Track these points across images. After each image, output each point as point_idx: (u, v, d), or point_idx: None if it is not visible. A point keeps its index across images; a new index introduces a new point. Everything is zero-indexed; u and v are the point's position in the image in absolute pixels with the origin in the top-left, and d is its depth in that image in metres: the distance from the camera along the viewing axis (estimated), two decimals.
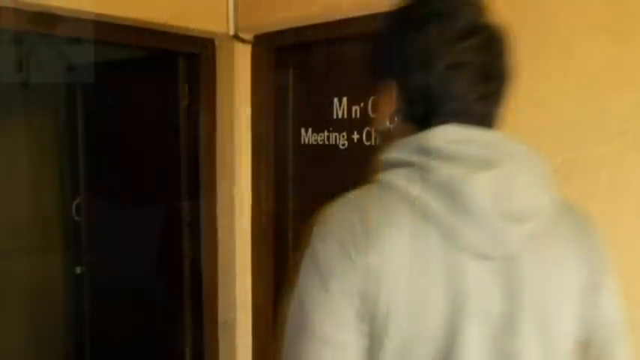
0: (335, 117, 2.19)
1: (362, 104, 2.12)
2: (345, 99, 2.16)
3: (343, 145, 2.18)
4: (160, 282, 2.68)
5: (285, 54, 2.36)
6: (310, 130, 2.29)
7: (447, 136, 0.80)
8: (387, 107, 0.88)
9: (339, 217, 0.79)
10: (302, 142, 2.32)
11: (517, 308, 0.78)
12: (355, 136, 2.14)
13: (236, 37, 2.36)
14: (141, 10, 2.05)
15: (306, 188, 2.33)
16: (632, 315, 0.91)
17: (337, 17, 2.03)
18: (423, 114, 0.83)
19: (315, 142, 2.27)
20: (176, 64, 2.49)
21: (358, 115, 2.13)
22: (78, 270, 3.06)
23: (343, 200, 0.81)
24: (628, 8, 1.40)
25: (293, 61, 2.34)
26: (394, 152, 0.83)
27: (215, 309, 2.54)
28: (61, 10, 1.89)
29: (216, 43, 2.44)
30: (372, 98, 2.03)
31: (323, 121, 2.23)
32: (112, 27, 2.08)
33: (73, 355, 3.23)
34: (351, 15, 1.98)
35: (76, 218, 3.09)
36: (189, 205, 2.54)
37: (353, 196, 0.82)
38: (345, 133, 2.17)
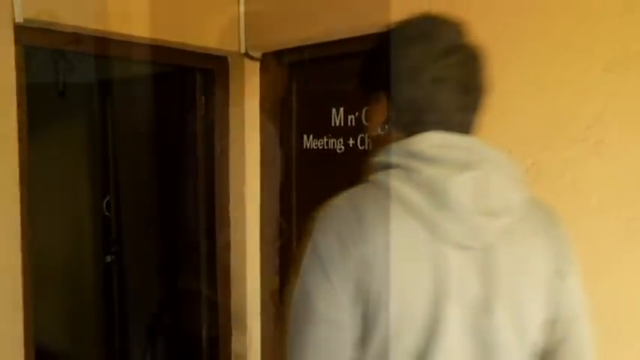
0: (333, 125, 2.19)
1: (357, 114, 2.11)
2: (342, 109, 2.16)
3: (340, 149, 2.18)
4: (179, 271, 2.68)
5: (289, 69, 2.36)
6: (311, 136, 2.29)
7: (430, 141, 0.80)
8: (378, 116, 0.88)
9: (337, 212, 0.79)
10: (304, 147, 2.32)
11: (492, 292, 0.78)
12: (351, 142, 2.14)
13: (246, 54, 2.36)
14: (163, 31, 2.06)
15: (308, 187, 2.33)
16: (592, 299, 0.91)
17: (335, 38, 2.03)
18: (409, 122, 0.83)
19: (315, 147, 2.27)
20: (193, 78, 2.49)
21: (353, 124, 2.13)
22: (108, 259, 3.06)
23: (340, 198, 0.81)
24: (587, 26, 1.40)
25: (296, 75, 2.34)
26: (384, 156, 0.83)
27: (228, 295, 2.53)
28: (98, 33, 1.92)
29: (229, 60, 2.44)
30: (365, 108, 2.02)
31: (322, 128, 2.22)
32: (139, 46, 2.08)
33: (104, 332, 3.23)
34: (347, 36, 1.98)
35: (106, 213, 3.10)
36: (205, 202, 2.54)
37: (349, 194, 0.82)
38: (341, 139, 2.17)
